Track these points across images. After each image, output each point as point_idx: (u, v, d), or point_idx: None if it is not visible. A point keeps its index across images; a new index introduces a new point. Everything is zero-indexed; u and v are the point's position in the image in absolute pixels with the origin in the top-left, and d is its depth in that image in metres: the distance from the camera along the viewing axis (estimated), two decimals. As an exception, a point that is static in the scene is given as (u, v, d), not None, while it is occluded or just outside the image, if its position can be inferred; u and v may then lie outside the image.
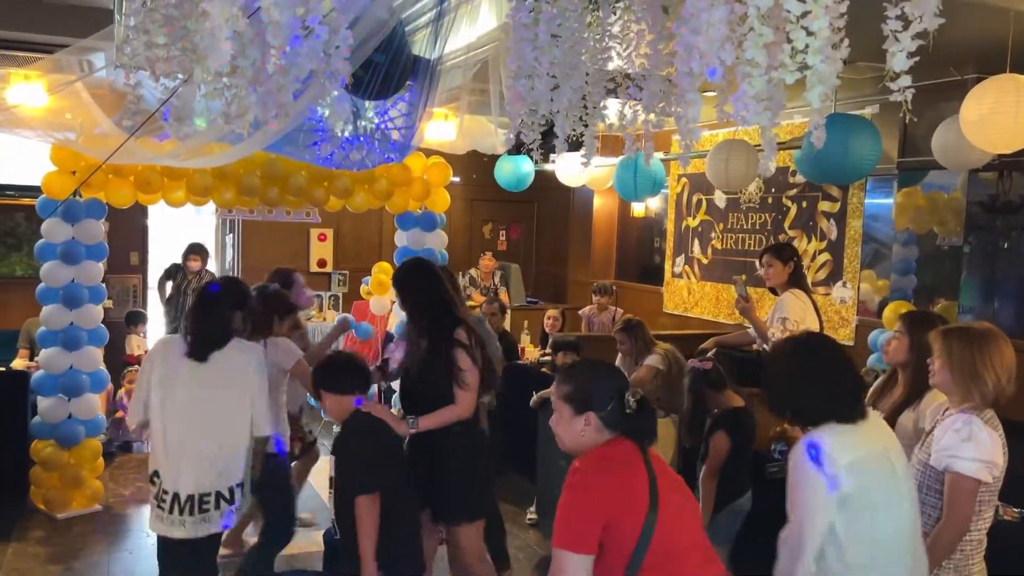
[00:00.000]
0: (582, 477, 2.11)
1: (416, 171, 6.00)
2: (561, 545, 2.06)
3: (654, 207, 8.71)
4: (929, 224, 5.71)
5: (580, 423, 2.17)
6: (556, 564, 2.07)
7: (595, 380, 2.22)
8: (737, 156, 5.01)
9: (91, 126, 4.99)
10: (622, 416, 2.15)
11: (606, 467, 2.13)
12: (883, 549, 2.20)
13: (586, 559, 2.05)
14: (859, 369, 3.94)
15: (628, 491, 2.10)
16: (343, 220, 8.99)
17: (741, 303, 4.58)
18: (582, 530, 2.05)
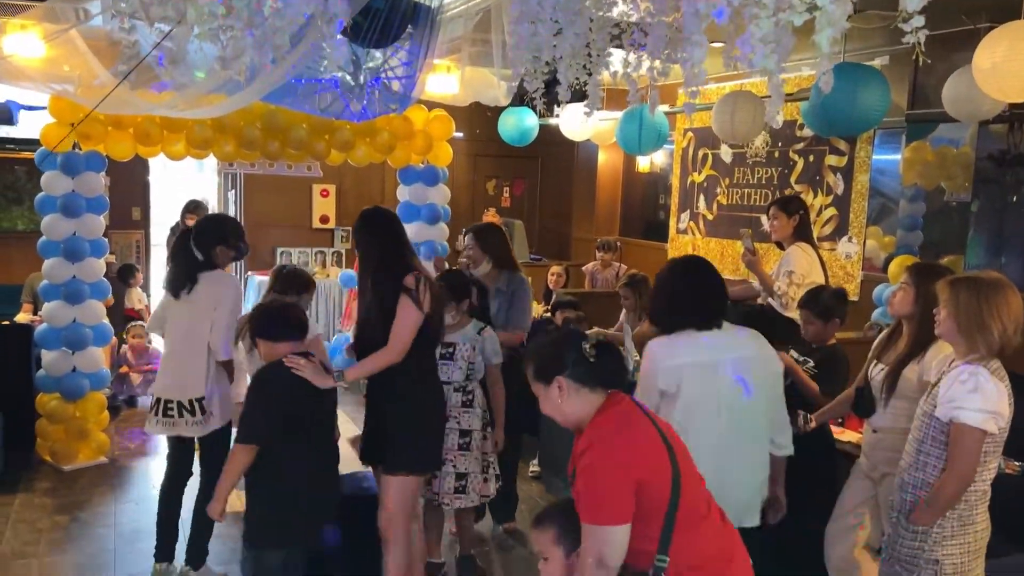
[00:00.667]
0: (599, 452, 2.03)
1: (418, 124, 5.94)
2: (599, 521, 2.00)
3: (659, 162, 8.62)
4: (937, 179, 5.64)
5: (554, 392, 2.15)
6: (597, 540, 2.00)
7: (547, 347, 2.24)
8: (743, 108, 4.93)
9: (89, 78, 4.92)
10: (588, 367, 2.13)
11: (619, 427, 2.08)
12: (692, 442, 2.34)
13: (626, 529, 2.00)
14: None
15: (651, 446, 2.07)
16: (345, 176, 8.93)
17: (747, 256, 4.55)
18: (616, 498, 1.99)
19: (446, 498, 3.63)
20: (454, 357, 3.63)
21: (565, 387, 2.14)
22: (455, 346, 3.62)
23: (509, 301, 4.20)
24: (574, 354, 2.13)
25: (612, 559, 2.01)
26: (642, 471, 2.02)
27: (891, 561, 2.79)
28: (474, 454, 3.65)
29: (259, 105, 5.27)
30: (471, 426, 3.65)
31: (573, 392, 2.14)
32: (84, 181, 5.12)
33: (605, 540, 2.00)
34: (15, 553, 4.13)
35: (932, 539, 2.67)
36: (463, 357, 3.64)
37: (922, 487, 2.70)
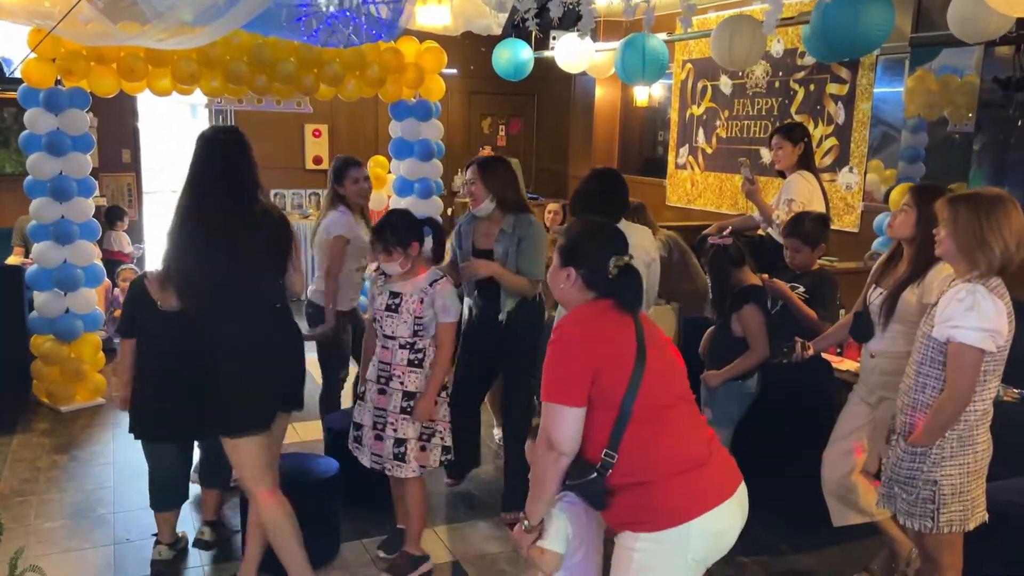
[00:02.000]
0: (568, 330, 2.10)
1: (409, 57, 5.80)
2: (552, 399, 2.05)
3: (657, 96, 8.46)
4: (940, 110, 5.52)
5: (563, 275, 2.19)
6: (548, 419, 2.06)
7: (583, 238, 2.22)
8: (741, 32, 4.78)
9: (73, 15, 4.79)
10: (603, 279, 2.14)
11: (590, 319, 2.12)
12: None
13: (578, 412, 2.04)
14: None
15: (615, 341, 2.08)
16: (338, 115, 8.78)
17: (747, 186, 4.48)
18: (572, 381, 2.04)
19: (388, 464, 3.30)
20: (399, 310, 3.25)
21: (572, 278, 2.18)
22: (402, 297, 3.25)
23: (517, 246, 3.67)
24: (599, 261, 2.14)
25: (561, 442, 2.04)
26: (600, 359, 2.04)
27: (890, 482, 2.78)
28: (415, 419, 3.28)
29: (245, 38, 5.13)
30: (418, 388, 3.26)
31: (578, 288, 2.17)
32: (68, 118, 5.02)
33: (555, 419, 2.04)
34: (13, 491, 4.14)
35: (931, 460, 2.65)
36: (408, 311, 3.24)
37: (921, 408, 2.68)
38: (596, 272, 2.15)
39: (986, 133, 5.32)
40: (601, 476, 2.04)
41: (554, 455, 2.06)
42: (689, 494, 2.05)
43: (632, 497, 2.05)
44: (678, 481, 2.05)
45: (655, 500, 2.05)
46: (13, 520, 3.82)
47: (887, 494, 2.81)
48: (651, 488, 2.04)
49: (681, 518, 2.04)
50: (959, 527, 2.68)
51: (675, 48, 7.62)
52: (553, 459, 2.06)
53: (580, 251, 2.18)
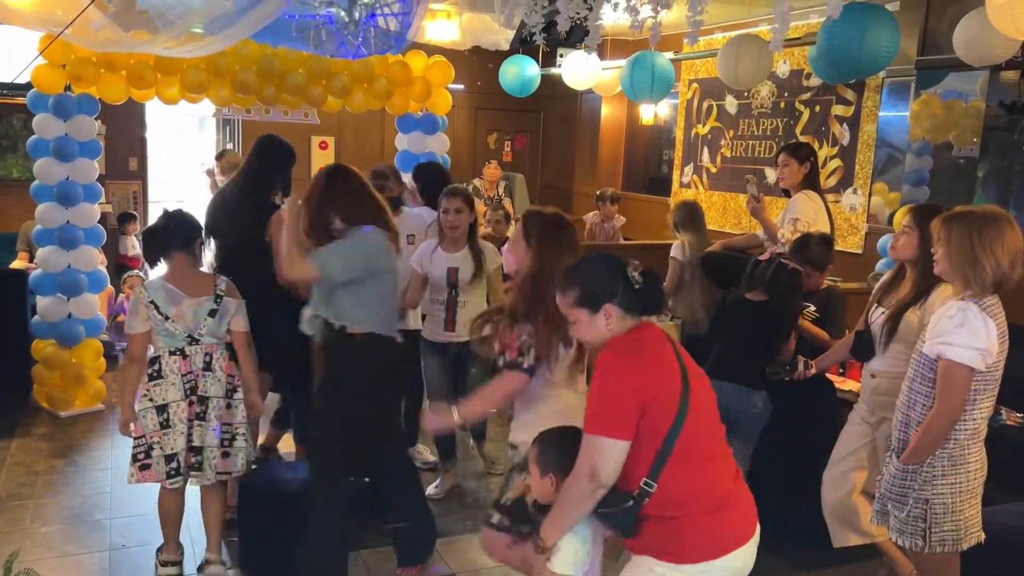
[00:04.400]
0: (617, 361, 2.04)
1: (417, 70, 5.83)
2: (598, 431, 1.99)
3: (663, 114, 8.49)
4: (945, 133, 5.53)
5: (601, 320, 2.12)
6: (594, 452, 1.99)
7: (596, 273, 2.16)
8: (748, 52, 4.82)
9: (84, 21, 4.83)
10: (635, 294, 2.11)
11: (639, 350, 2.07)
12: None
13: (625, 445, 1.99)
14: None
15: (664, 372, 2.05)
16: (344, 128, 8.82)
17: (753, 203, 4.48)
18: (621, 413, 1.98)
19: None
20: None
21: (613, 314, 2.11)
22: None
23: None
24: (623, 281, 2.11)
25: (604, 474, 1.99)
26: (649, 392, 2.00)
27: (883, 499, 2.78)
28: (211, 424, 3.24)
29: (255, 49, 5.17)
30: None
31: (618, 319, 2.11)
32: (77, 124, 5.04)
33: (601, 452, 1.98)
34: (10, 495, 4.13)
35: (922, 478, 2.64)
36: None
37: (913, 425, 2.67)
38: (627, 293, 2.11)
39: (991, 157, 5.33)
40: (637, 505, 2.01)
41: (593, 487, 2.01)
42: (716, 534, 2.05)
43: (660, 528, 2.04)
44: (706, 520, 2.04)
45: (683, 536, 2.03)
46: (9, 524, 3.81)
47: (880, 510, 2.81)
48: (681, 524, 2.03)
49: (705, 556, 2.04)
50: (952, 547, 2.66)
51: (681, 67, 7.66)
52: (591, 491, 2.02)
53: (605, 285, 2.12)
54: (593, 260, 2.22)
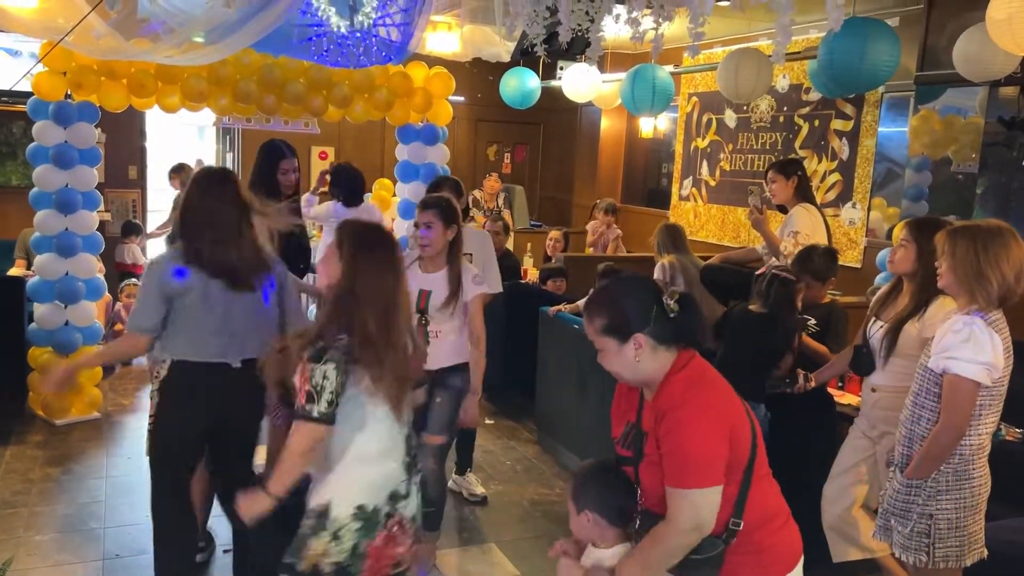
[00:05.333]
0: (692, 408, 1.87)
1: (417, 81, 5.84)
2: (694, 484, 1.84)
3: (662, 128, 8.52)
4: (944, 149, 5.55)
5: (631, 350, 1.92)
6: (693, 507, 1.84)
7: (627, 299, 1.96)
8: (747, 65, 4.84)
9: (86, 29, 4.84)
10: (669, 323, 1.92)
11: (704, 385, 1.93)
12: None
13: (718, 489, 1.86)
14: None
15: (735, 404, 1.95)
16: (345, 138, 8.83)
17: (755, 215, 4.48)
18: (711, 460, 1.85)
19: None
20: None
21: (644, 345, 1.91)
22: None
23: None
24: (656, 309, 1.91)
25: (706, 522, 1.86)
26: (732, 426, 1.89)
27: (886, 514, 2.76)
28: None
29: (256, 58, 5.18)
30: None
31: (648, 350, 1.92)
32: (76, 132, 5.04)
33: (704, 503, 1.84)
34: (4, 502, 4.10)
35: (926, 493, 2.63)
36: None
37: (917, 440, 2.66)
38: (660, 322, 1.92)
39: (990, 173, 5.35)
40: (726, 546, 1.92)
41: (696, 537, 1.88)
42: (789, 545, 2.02)
43: (741, 555, 1.96)
44: (782, 533, 2.00)
45: (765, 556, 1.98)
46: (2, 532, 3.78)
47: (883, 526, 2.79)
48: (762, 545, 1.96)
49: (787, 568, 2.00)
50: (955, 563, 2.65)
51: (681, 81, 7.70)
52: (693, 541, 1.88)
53: (634, 312, 1.93)
54: (625, 283, 2.03)
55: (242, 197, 2.88)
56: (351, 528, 2.21)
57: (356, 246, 2.24)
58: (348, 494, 2.22)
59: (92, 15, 4.75)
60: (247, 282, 2.87)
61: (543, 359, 5.25)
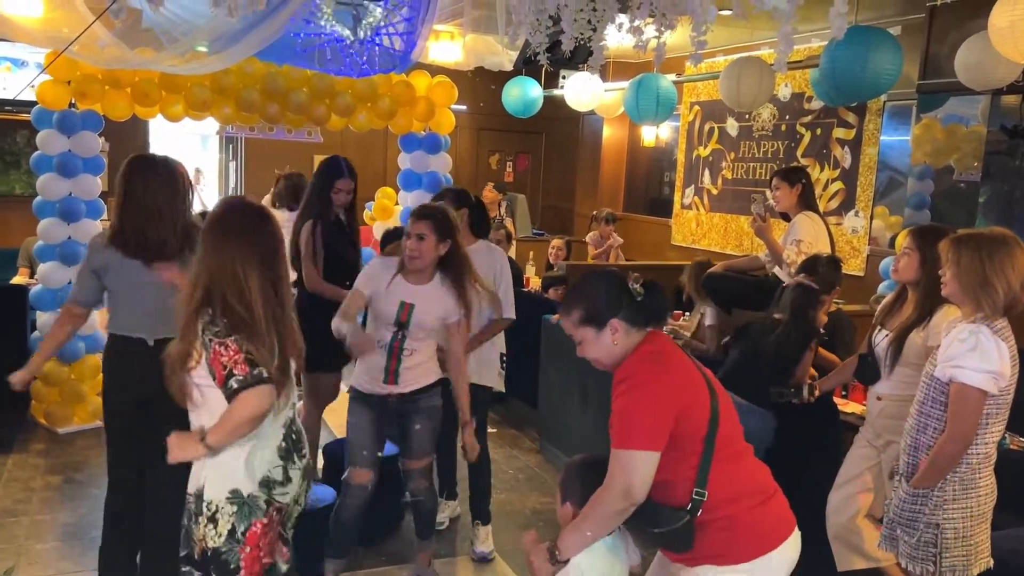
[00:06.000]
0: (642, 372, 2.02)
1: (420, 90, 5.85)
2: (626, 445, 1.95)
3: (664, 137, 8.53)
4: (947, 158, 5.55)
5: (608, 336, 2.10)
6: (627, 467, 1.95)
7: (597, 289, 2.15)
8: (749, 74, 4.84)
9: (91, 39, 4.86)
10: (639, 306, 2.10)
11: (662, 358, 2.06)
12: None
13: (654, 456, 1.95)
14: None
15: (691, 375, 2.05)
16: (347, 148, 8.84)
17: (757, 222, 4.47)
18: (652, 424, 1.96)
19: None
20: None
21: (620, 329, 2.09)
22: None
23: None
24: (625, 296, 2.10)
25: (637, 489, 1.95)
26: (682, 400, 1.99)
27: (892, 524, 2.74)
28: None
29: (259, 67, 5.19)
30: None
31: (623, 333, 2.09)
32: (80, 141, 5.05)
33: (632, 467, 1.95)
34: (5, 511, 4.09)
35: (933, 503, 2.61)
36: None
37: (923, 449, 2.65)
38: (631, 306, 2.10)
39: (992, 182, 5.35)
40: (692, 517, 1.98)
41: (625, 504, 1.97)
42: (770, 523, 2.05)
43: (715, 534, 2.01)
44: (760, 511, 2.04)
45: (739, 532, 2.02)
46: (3, 540, 3.77)
47: (889, 536, 2.77)
48: (735, 521, 2.01)
49: (765, 548, 2.02)
50: (962, 572, 2.63)
51: (683, 90, 7.71)
52: (622, 508, 1.98)
53: (607, 300, 2.11)
54: (592, 277, 2.20)
55: (174, 182, 2.97)
56: (227, 512, 2.21)
57: (210, 228, 2.25)
58: (222, 477, 2.22)
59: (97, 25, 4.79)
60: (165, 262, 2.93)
61: (545, 368, 5.24)
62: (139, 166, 2.96)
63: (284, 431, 2.29)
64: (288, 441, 2.30)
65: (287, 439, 2.29)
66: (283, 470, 2.27)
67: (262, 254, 2.21)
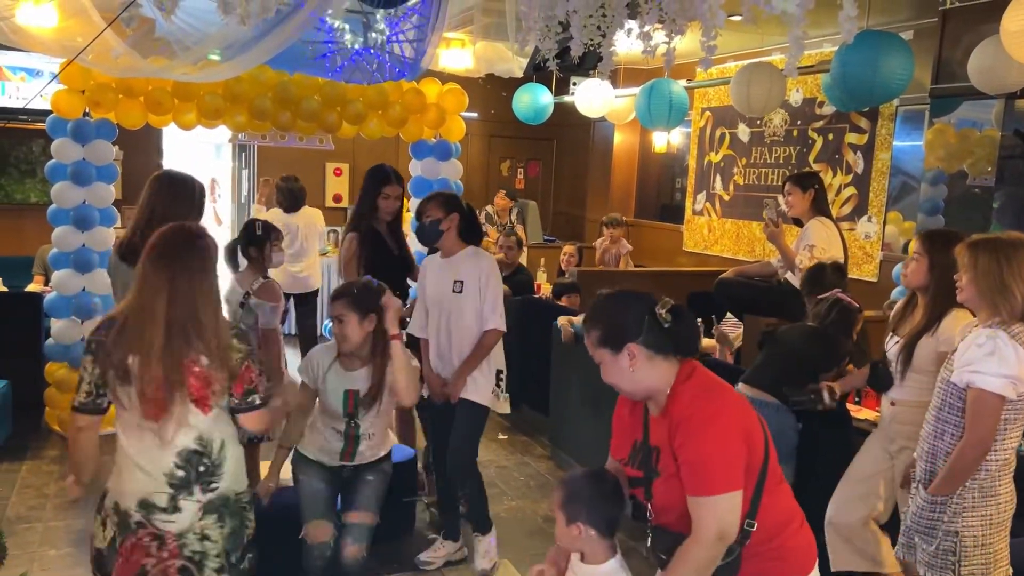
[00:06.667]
0: (707, 413, 1.88)
1: (431, 97, 5.87)
2: (716, 490, 1.84)
3: (676, 142, 8.52)
4: (960, 163, 5.51)
5: (624, 360, 1.94)
6: (715, 514, 1.84)
7: (617, 310, 1.99)
8: (759, 79, 4.84)
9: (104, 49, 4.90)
10: (663, 333, 1.93)
11: (714, 391, 1.95)
12: None
13: (739, 494, 1.86)
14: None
15: (744, 405, 1.96)
16: (359, 154, 8.89)
17: (770, 227, 4.46)
18: (733, 462, 1.86)
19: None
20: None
21: (638, 355, 1.94)
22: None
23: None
24: (648, 319, 1.93)
25: (729, 532, 1.86)
26: (748, 430, 1.90)
27: (909, 532, 2.71)
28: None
29: (271, 75, 5.22)
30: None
31: (645, 360, 1.94)
32: (94, 149, 5.09)
33: (727, 509, 1.85)
34: (20, 517, 4.12)
35: (952, 510, 2.58)
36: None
37: (940, 456, 2.62)
38: (652, 330, 1.93)
39: (1006, 186, 5.31)
40: (741, 548, 1.92)
41: (721, 548, 1.87)
42: (807, 545, 2.02)
43: (766, 561, 1.96)
44: (801, 533, 2.01)
45: (789, 558, 1.98)
46: (17, 546, 3.79)
47: (907, 543, 2.74)
48: (784, 548, 1.97)
49: (807, 569, 2.00)
50: (981, 580, 2.60)
51: (694, 95, 7.70)
52: (719, 553, 1.88)
53: (625, 322, 1.96)
54: (615, 297, 2.04)
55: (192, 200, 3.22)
56: (112, 520, 2.27)
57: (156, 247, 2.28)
58: (113, 486, 2.29)
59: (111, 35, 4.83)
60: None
61: (557, 374, 5.23)
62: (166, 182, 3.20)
63: (180, 460, 2.23)
64: (187, 471, 2.24)
65: (185, 468, 2.24)
66: (168, 498, 2.23)
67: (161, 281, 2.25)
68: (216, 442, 2.27)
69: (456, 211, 3.62)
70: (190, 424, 2.22)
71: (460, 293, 3.58)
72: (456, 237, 3.63)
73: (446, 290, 3.62)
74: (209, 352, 2.19)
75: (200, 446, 2.25)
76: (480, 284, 3.58)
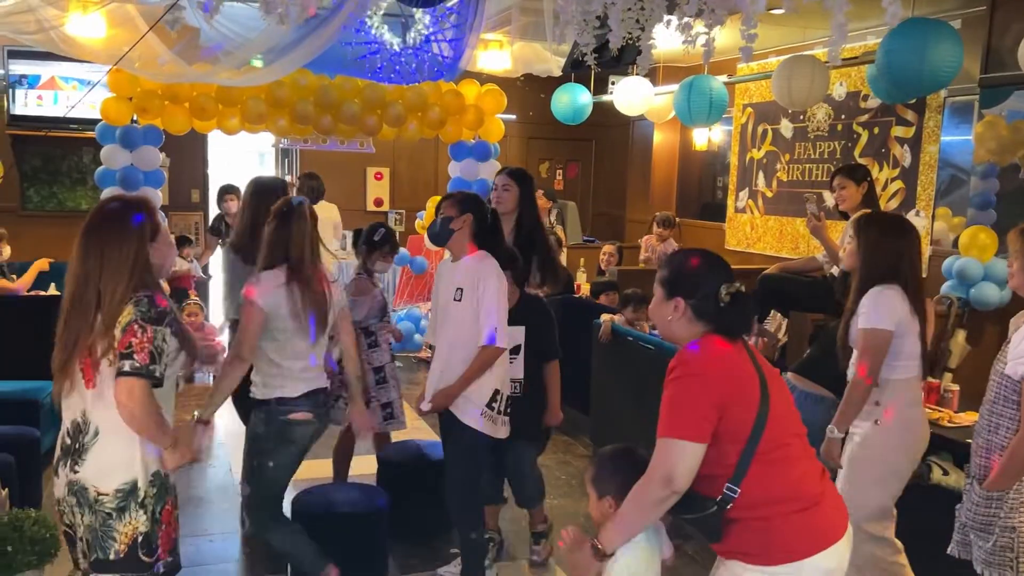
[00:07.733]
0: (693, 363, 1.98)
1: (470, 99, 5.90)
2: (671, 434, 1.93)
3: (716, 140, 8.43)
4: (1012, 155, 5.35)
5: (669, 308, 2.07)
6: (669, 456, 1.93)
7: (688, 266, 2.10)
8: (801, 72, 4.76)
9: (151, 56, 5.02)
10: (714, 307, 2.03)
11: (714, 355, 2.01)
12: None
13: (699, 448, 1.92)
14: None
15: (740, 375, 2.00)
16: (399, 159, 8.96)
17: (813, 222, 4.38)
18: (697, 416, 1.93)
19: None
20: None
21: (681, 310, 2.06)
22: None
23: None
24: (708, 289, 2.03)
25: (680, 478, 1.92)
26: (728, 396, 1.95)
27: (964, 529, 2.64)
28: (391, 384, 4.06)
29: (312, 80, 5.30)
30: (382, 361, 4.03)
31: (687, 319, 2.06)
32: (142, 155, 5.22)
33: (677, 455, 1.92)
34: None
35: (1008, 505, 2.51)
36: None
37: (995, 450, 2.54)
38: (706, 300, 2.03)
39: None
40: (721, 510, 1.97)
41: (667, 492, 1.94)
42: (805, 532, 1.99)
43: (748, 530, 1.99)
44: (796, 519, 1.99)
45: (772, 536, 1.98)
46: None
47: (962, 541, 2.67)
48: (769, 524, 1.98)
49: (797, 555, 1.98)
50: (1042, 578, 2.52)
51: (735, 92, 7.62)
52: (664, 496, 1.95)
53: (688, 280, 2.06)
54: (698, 254, 2.14)
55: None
56: (151, 494, 2.33)
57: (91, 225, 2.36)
58: (147, 463, 2.33)
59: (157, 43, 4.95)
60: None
61: (597, 373, 5.21)
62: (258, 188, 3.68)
63: (70, 428, 2.32)
64: (68, 442, 2.32)
65: (70, 438, 2.31)
66: (57, 459, 2.35)
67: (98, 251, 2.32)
68: (91, 426, 2.29)
69: (471, 212, 3.27)
70: (78, 395, 2.29)
71: (459, 302, 3.23)
72: (467, 240, 3.28)
73: (449, 298, 3.28)
74: (104, 319, 2.22)
75: (81, 421, 2.30)
76: (477, 293, 3.19)
